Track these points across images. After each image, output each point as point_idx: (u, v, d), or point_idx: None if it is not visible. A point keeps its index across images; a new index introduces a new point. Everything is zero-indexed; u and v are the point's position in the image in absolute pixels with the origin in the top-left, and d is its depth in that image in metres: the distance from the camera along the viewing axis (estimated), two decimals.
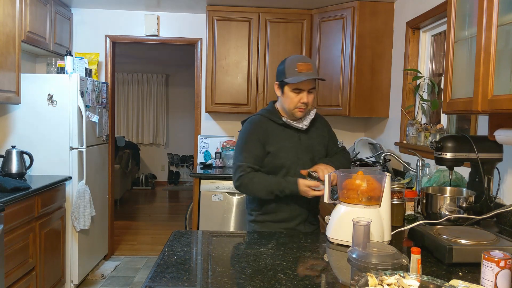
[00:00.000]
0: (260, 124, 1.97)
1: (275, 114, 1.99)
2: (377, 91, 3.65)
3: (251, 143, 1.95)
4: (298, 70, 1.87)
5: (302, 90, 1.89)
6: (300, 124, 1.97)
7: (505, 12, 1.44)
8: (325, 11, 3.78)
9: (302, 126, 1.97)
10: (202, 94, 4.24)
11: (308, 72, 1.87)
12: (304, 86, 1.89)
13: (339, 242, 1.57)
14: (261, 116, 2.01)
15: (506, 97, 1.39)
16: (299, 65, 1.87)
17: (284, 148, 1.95)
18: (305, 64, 1.87)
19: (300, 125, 1.97)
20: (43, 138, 3.33)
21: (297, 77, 1.86)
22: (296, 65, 1.88)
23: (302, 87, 1.89)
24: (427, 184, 2.28)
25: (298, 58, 1.92)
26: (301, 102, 1.90)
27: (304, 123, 1.98)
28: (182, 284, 1.21)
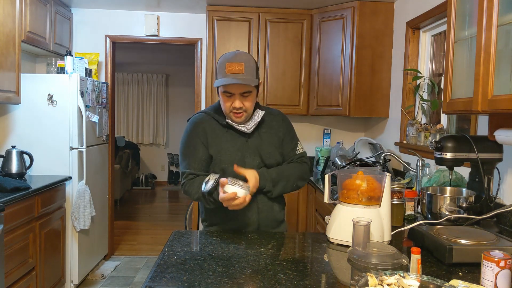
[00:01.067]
0: (200, 125, 1.81)
1: (220, 113, 1.81)
2: (377, 91, 3.65)
3: (192, 146, 1.80)
4: (226, 71, 1.67)
5: (233, 94, 1.70)
6: (243, 127, 1.77)
7: (505, 12, 1.44)
8: (325, 11, 3.78)
9: (244, 129, 1.77)
10: (202, 94, 4.24)
11: (237, 73, 1.66)
12: (233, 90, 1.69)
13: (339, 242, 1.57)
14: (205, 114, 1.84)
15: (506, 97, 1.39)
16: (228, 65, 1.67)
17: (226, 150, 1.77)
18: (235, 64, 1.67)
19: (243, 128, 1.77)
20: (43, 138, 3.33)
21: (221, 80, 1.67)
22: (225, 65, 1.68)
23: (232, 91, 1.69)
24: (427, 184, 2.28)
25: (230, 57, 1.71)
26: (233, 106, 1.71)
27: (247, 127, 1.77)
28: (182, 284, 1.21)
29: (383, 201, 1.57)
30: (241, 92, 1.70)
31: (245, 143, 1.81)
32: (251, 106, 1.76)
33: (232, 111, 1.73)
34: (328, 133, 4.26)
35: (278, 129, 1.87)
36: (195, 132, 1.81)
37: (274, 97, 3.90)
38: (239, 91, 1.70)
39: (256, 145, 1.81)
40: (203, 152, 1.79)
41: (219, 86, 1.72)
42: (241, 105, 1.71)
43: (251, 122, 1.79)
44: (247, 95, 1.72)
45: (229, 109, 1.74)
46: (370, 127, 4.15)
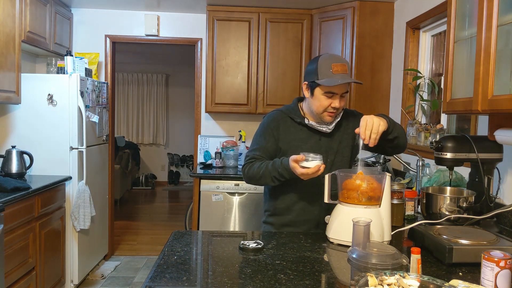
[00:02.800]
0: (275, 119, 1.88)
1: (295, 112, 1.87)
2: (377, 91, 3.65)
3: (262, 136, 1.88)
4: (333, 72, 1.70)
5: (335, 94, 1.73)
6: (324, 127, 1.83)
7: (505, 12, 1.44)
8: (325, 11, 3.78)
9: (326, 129, 1.83)
10: (202, 94, 4.24)
11: (344, 74, 1.70)
12: (337, 90, 1.73)
13: (339, 242, 1.57)
14: (280, 111, 1.91)
15: (506, 97, 1.39)
16: (334, 66, 1.70)
17: (298, 147, 1.82)
18: (340, 65, 1.71)
19: (324, 128, 1.83)
20: (43, 138, 3.33)
21: (332, 79, 1.69)
22: (331, 66, 1.70)
23: (336, 91, 1.73)
24: (427, 184, 2.28)
25: (333, 58, 1.75)
26: (332, 106, 1.75)
27: (328, 127, 1.83)
28: (182, 284, 1.21)
29: (383, 201, 1.57)
30: (343, 92, 1.75)
31: (318, 141, 1.86)
32: (343, 106, 1.82)
33: (328, 110, 1.77)
34: None
35: (348, 125, 1.90)
36: (268, 125, 1.88)
37: (274, 97, 3.90)
38: (342, 91, 1.74)
39: (328, 144, 1.86)
40: (272, 144, 1.86)
41: (320, 86, 1.73)
42: (340, 105, 1.76)
43: (332, 123, 1.84)
44: (345, 95, 1.78)
45: (325, 109, 1.77)
46: None
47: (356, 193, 1.55)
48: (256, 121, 4.28)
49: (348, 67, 1.74)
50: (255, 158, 1.86)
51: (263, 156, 1.86)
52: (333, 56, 1.78)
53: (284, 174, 1.73)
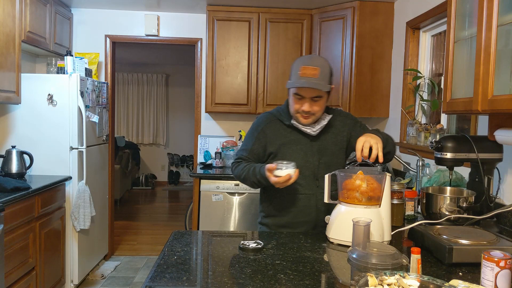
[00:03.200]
0: (263, 122, 1.88)
1: (285, 114, 1.86)
2: (377, 91, 3.65)
3: (250, 138, 1.91)
4: (300, 74, 1.68)
5: (303, 97, 1.72)
6: (308, 129, 1.81)
7: (505, 12, 1.44)
8: (325, 11, 3.78)
9: (310, 131, 1.82)
10: (202, 94, 4.24)
11: (311, 78, 1.67)
12: (304, 93, 1.71)
13: (339, 242, 1.57)
14: (270, 114, 1.91)
15: (506, 97, 1.39)
16: (303, 69, 1.68)
17: (288, 149, 1.83)
18: (310, 68, 1.68)
19: (308, 130, 1.81)
20: (43, 138, 3.32)
21: (294, 82, 1.70)
22: (299, 68, 1.69)
23: (303, 94, 1.71)
24: (427, 184, 2.28)
25: (306, 61, 1.74)
26: (302, 110, 1.74)
27: (313, 129, 1.81)
28: (182, 284, 1.21)
29: (383, 201, 1.57)
30: (312, 96, 1.72)
31: (309, 142, 1.85)
32: (320, 111, 1.78)
33: (300, 113, 1.77)
34: None
35: (342, 128, 1.90)
36: (256, 129, 1.90)
37: (274, 97, 3.90)
38: (310, 95, 1.72)
39: (320, 146, 1.85)
40: (257, 147, 1.88)
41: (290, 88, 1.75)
42: (310, 109, 1.74)
43: (318, 125, 1.83)
44: (318, 99, 1.74)
45: (297, 111, 1.77)
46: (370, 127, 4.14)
47: (356, 193, 1.55)
48: None
49: (320, 71, 1.69)
50: (242, 158, 1.90)
51: (249, 158, 1.89)
52: (307, 59, 1.78)
53: (262, 182, 1.75)
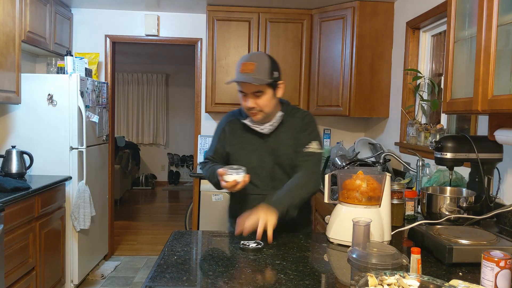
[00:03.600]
0: (224, 122, 1.92)
1: (243, 113, 1.85)
2: (377, 91, 3.65)
3: (215, 138, 1.94)
4: (240, 70, 1.70)
5: (245, 93, 1.72)
6: (258, 127, 1.79)
7: (505, 12, 1.44)
8: (325, 11, 3.78)
9: (259, 129, 1.79)
10: (202, 94, 4.24)
11: (248, 73, 1.66)
12: (245, 89, 1.71)
13: (339, 242, 1.57)
14: (232, 113, 1.93)
15: (506, 97, 1.39)
16: (242, 65, 1.69)
17: (243, 150, 1.82)
18: (248, 63, 1.68)
19: (258, 128, 1.79)
20: (43, 138, 3.32)
21: (236, 77, 1.71)
22: (240, 64, 1.71)
23: (244, 90, 1.72)
24: (427, 184, 2.28)
25: (246, 57, 1.74)
26: (246, 105, 1.73)
27: (261, 127, 1.79)
28: (182, 284, 1.21)
29: (383, 201, 1.57)
30: (253, 92, 1.71)
31: (263, 143, 1.82)
32: (267, 106, 1.73)
33: (248, 109, 1.76)
34: (328, 133, 4.26)
35: (296, 129, 1.82)
36: (218, 129, 1.93)
37: None
38: (250, 90, 1.71)
39: (273, 146, 1.81)
40: (220, 147, 1.91)
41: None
42: (254, 105, 1.72)
43: (268, 124, 1.79)
44: (260, 94, 1.71)
45: (245, 109, 1.78)
46: (370, 127, 4.15)
47: (356, 193, 1.55)
48: None
49: (257, 66, 1.67)
50: (208, 159, 1.95)
51: (214, 158, 1.93)
52: (247, 55, 1.77)
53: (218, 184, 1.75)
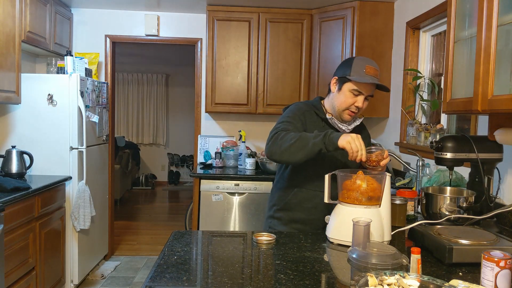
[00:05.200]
0: (302, 108, 1.88)
1: (319, 108, 1.90)
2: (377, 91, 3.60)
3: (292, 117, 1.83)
4: (365, 72, 1.77)
5: (361, 94, 1.79)
6: (344, 126, 1.86)
7: (505, 12, 1.44)
8: (325, 11, 3.78)
9: (345, 128, 1.86)
10: (202, 94, 4.24)
11: (375, 77, 1.78)
12: (365, 90, 1.79)
13: (339, 242, 1.57)
14: (306, 104, 1.92)
15: (506, 97, 1.39)
16: (368, 67, 1.77)
17: None
18: (373, 68, 1.78)
19: (344, 127, 1.86)
20: (43, 138, 3.32)
21: (363, 77, 1.76)
22: (365, 66, 1.77)
23: (363, 91, 1.78)
24: (427, 184, 2.28)
25: (369, 61, 1.82)
26: (355, 105, 1.79)
27: (348, 127, 1.87)
28: (182, 284, 1.21)
29: (383, 201, 1.57)
30: (368, 94, 1.80)
31: None
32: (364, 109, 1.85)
33: (350, 109, 1.80)
34: None
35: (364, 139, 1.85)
36: (297, 112, 1.86)
37: (274, 97, 3.90)
38: (369, 92, 1.79)
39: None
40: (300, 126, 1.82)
41: (349, 82, 1.78)
42: (362, 106, 1.80)
43: (352, 124, 1.88)
44: (370, 98, 1.82)
45: (347, 106, 1.80)
46: (370, 127, 4.15)
47: (356, 193, 1.55)
48: (256, 121, 4.28)
49: (379, 73, 1.81)
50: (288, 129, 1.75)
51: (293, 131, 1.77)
52: (369, 60, 1.84)
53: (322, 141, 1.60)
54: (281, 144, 1.66)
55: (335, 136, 1.60)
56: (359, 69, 1.77)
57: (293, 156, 1.66)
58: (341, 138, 1.58)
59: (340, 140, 1.57)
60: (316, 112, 1.89)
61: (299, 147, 1.63)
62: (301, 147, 1.63)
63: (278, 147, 1.67)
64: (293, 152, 1.65)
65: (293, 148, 1.64)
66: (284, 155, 1.67)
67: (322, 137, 1.61)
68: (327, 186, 1.68)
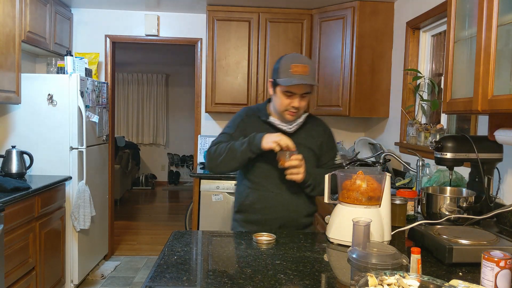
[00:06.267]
0: (242, 114, 1.92)
1: (262, 111, 1.91)
2: (377, 91, 3.65)
3: (230, 127, 1.91)
4: (292, 72, 1.72)
5: (294, 94, 1.76)
6: (285, 126, 1.85)
7: (505, 12, 1.44)
8: (325, 11, 3.78)
9: (286, 129, 1.85)
10: (202, 94, 4.24)
11: (303, 75, 1.72)
12: (296, 90, 1.75)
13: (339, 242, 1.57)
14: (249, 108, 1.97)
15: (506, 97, 1.39)
16: (294, 66, 1.72)
17: None
18: (301, 66, 1.73)
19: (284, 127, 1.85)
20: (43, 138, 3.32)
21: (289, 79, 1.72)
22: (290, 66, 1.73)
23: (294, 91, 1.75)
24: (427, 184, 2.28)
25: (295, 58, 1.78)
26: (292, 106, 1.77)
27: (289, 127, 1.85)
28: (182, 284, 1.21)
29: (383, 201, 1.57)
30: (303, 93, 1.77)
31: None
32: (305, 107, 1.83)
33: (289, 109, 1.79)
34: None
35: (318, 138, 1.93)
36: (236, 119, 1.92)
37: None
38: (301, 91, 1.76)
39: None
40: (238, 134, 1.87)
41: (279, 85, 1.77)
42: (299, 105, 1.78)
43: (294, 123, 1.86)
44: (306, 96, 1.79)
45: (285, 108, 1.79)
46: (370, 127, 4.15)
47: (356, 193, 1.55)
48: None
49: (310, 68, 1.75)
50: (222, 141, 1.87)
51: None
52: (296, 57, 1.81)
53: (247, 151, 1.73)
54: (215, 158, 1.80)
55: (257, 139, 1.71)
56: (286, 70, 1.74)
57: (228, 167, 1.81)
58: (263, 141, 1.69)
59: (263, 142, 1.69)
60: (259, 115, 1.89)
61: (230, 158, 1.77)
62: (232, 157, 1.77)
63: (214, 161, 1.81)
64: (227, 163, 1.79)
65: (226, 160, 1.78)
66: (220, 167, 1.81)
67: (246, 144, 1.73)
68: (327, 186, 1.68)
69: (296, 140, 1.83)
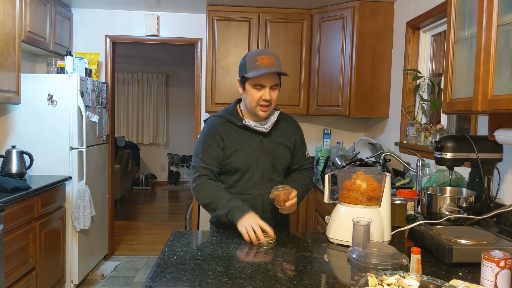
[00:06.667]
0: (216, 127, 1.86)
1: (235, 115, 1.88)
2: (377, 91, 3.65)
3: (206, 144, 1.85)
4: (258, 64, 1.75)
5: (264, 86, 1.77)
6: (261, 127, 1.85)
7: (505, 12, 1.44)
8: (325, 11, 3.78)
9: (262, 129, 1.85)
10: (202, 94, 4.24)
11: (270, 66, 1.75)
12: (265, 82, 1.76)
13: (339, 242, 1.57)
14: (219, 117, 1.90)
15: (506, 97, 1.39)
16: (260, 59, 1.75)
17: (241, 151, 1.84)
18: (266, 57, 1.76)
19: (261, 128, 1.85)
20: (43, 138, 3.32)
21: (257, 71, 1.74)
22: (256, 59, 1.76)
23: (263, 83, 1.76)
24: (427, 184, 2.28)
25: (260, 52, 1.82)
26: (263, 99, 1.77)
27: (265, 126, 1.85)
28: (182, 284, 1.21)
29: (383, 201, 1.57)
30: (271, 85, 1.78)
31: (260, 143, 1.87)
32: (276, 100, 1.83)
33: (260, 104, 1.79)
34: (328, 133, 4.26)
35: (292, 135, 1.96)
36: (211, 133, 1.86)
37: None
38: (270, 83, 1.78)
39: (270, 147, 1.88)
40: (216, 151, 1.84)
41: (249, 80, 1.77)
42: (270, 97, 1.79)
43: (268, 122, 1.87)
44: (275, 88, 1.81)
45: (257, 102, 1.79)
46: (370, 127, 4.15)
47: (356, 193, 1.55)
48: None
49: (275, 60, 1.78)
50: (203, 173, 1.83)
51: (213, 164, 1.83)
52: (260, 50, 1.86)
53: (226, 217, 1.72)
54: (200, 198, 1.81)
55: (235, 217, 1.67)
56: (252, 63, 1.76)
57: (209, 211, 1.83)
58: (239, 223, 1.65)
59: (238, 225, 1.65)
60: (233, 120, 1.86)
61: (211, 209, 1.79)
62: (213, 209, 1.78)
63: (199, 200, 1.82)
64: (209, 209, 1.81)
65: (208, 208, 1.80)
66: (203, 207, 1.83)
67: (225, 214, 1.72)
68: (327, 186, 1.68)
69: (273, 139, 1.89)
